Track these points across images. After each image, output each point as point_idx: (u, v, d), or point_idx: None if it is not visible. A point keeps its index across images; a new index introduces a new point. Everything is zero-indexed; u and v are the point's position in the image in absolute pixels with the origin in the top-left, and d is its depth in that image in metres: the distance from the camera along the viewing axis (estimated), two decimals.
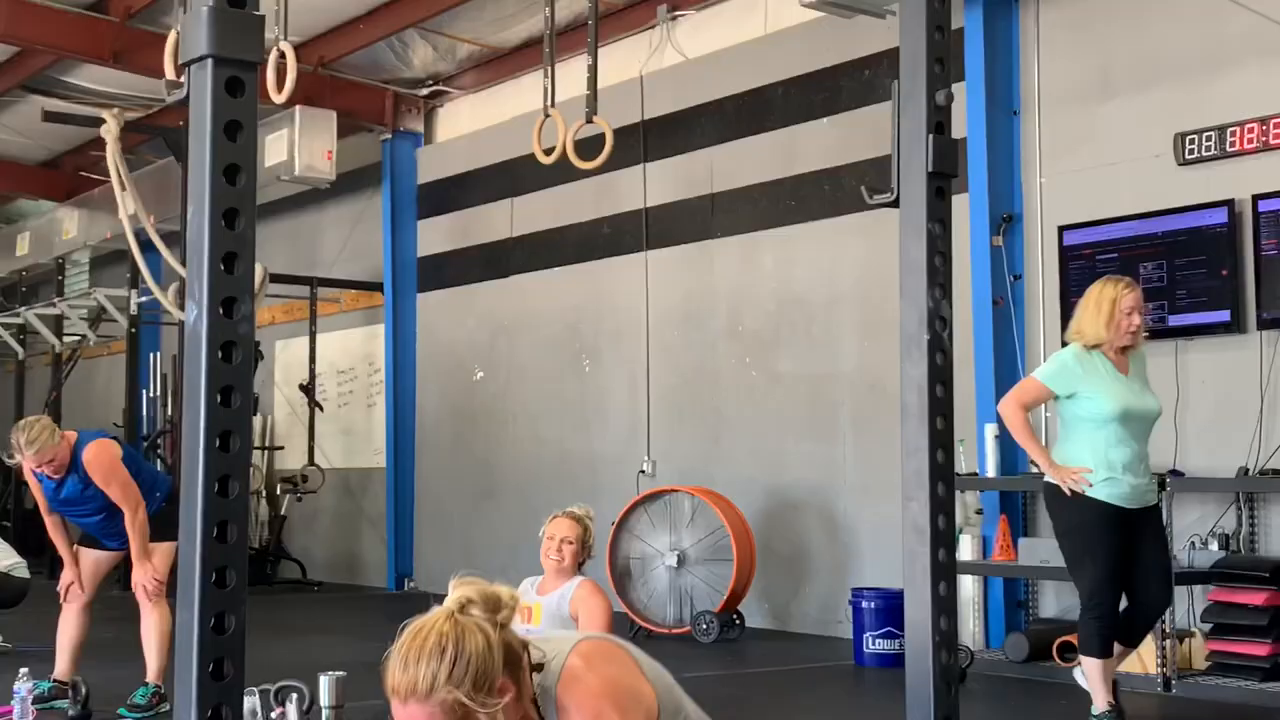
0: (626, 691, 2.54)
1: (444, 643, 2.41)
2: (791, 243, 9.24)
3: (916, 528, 2.60)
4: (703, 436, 9.75)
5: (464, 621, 2.44)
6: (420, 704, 2.39)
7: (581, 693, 2.50)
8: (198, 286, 1.85)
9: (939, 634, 2.60)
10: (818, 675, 7.47)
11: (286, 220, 13.44)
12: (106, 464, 6.00)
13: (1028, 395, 5.67)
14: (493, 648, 2.43)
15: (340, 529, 13.15)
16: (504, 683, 2.43)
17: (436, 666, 2.38)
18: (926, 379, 2.65)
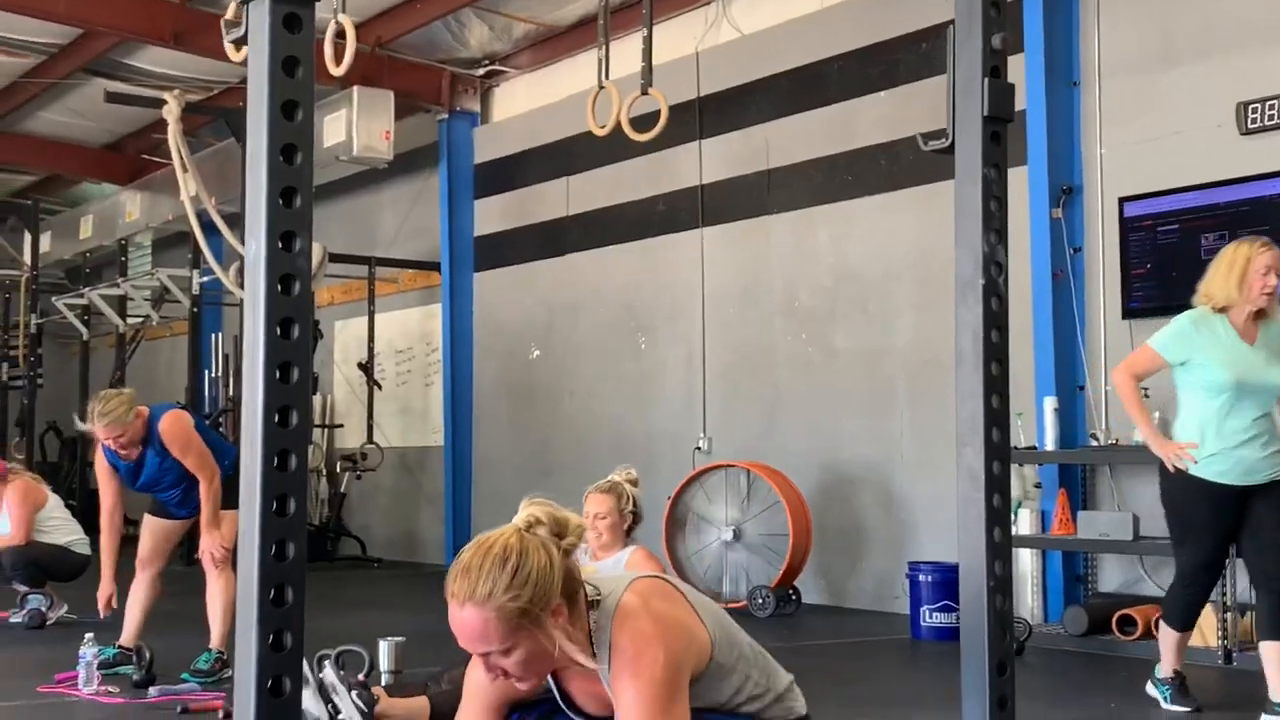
0: (679, 629, 2.56)
1: (508, 554, 2.46)
2: (848, 218, 9.21)
3: (971, 473, 2.59)
4: (758, 413, 9.74)
5: (529, 539, 2.49)
6: (477, 608, 2.43)
7: (635, 628, 2.51)
8: (255, 219, 1.86)
9: (994, 579, 2.59)
10: (874, 648, 7.46)
11: (345, 201, 13.53)
12: (183, 434, 6.09)
13: (1140, 363, 5.42)
14: (554, 568, 2.48)
15: (399, 507, 13.25)
16: (559, 605, 2.47)
17: (498, 575, 2.43)
18: (981, 324, 2.62)
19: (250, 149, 1.87)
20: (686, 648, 2.54)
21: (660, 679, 2.45)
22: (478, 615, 2.44)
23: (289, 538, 1.80)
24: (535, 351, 11.79)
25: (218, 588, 6.07)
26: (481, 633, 2.45)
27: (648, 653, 2.47)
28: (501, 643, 2.45)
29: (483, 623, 2.44)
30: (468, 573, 2.47)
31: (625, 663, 2.48)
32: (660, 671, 2.46)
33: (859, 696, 5.78)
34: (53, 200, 17.08)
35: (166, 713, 5.29)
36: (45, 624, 7.84)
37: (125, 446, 6.02)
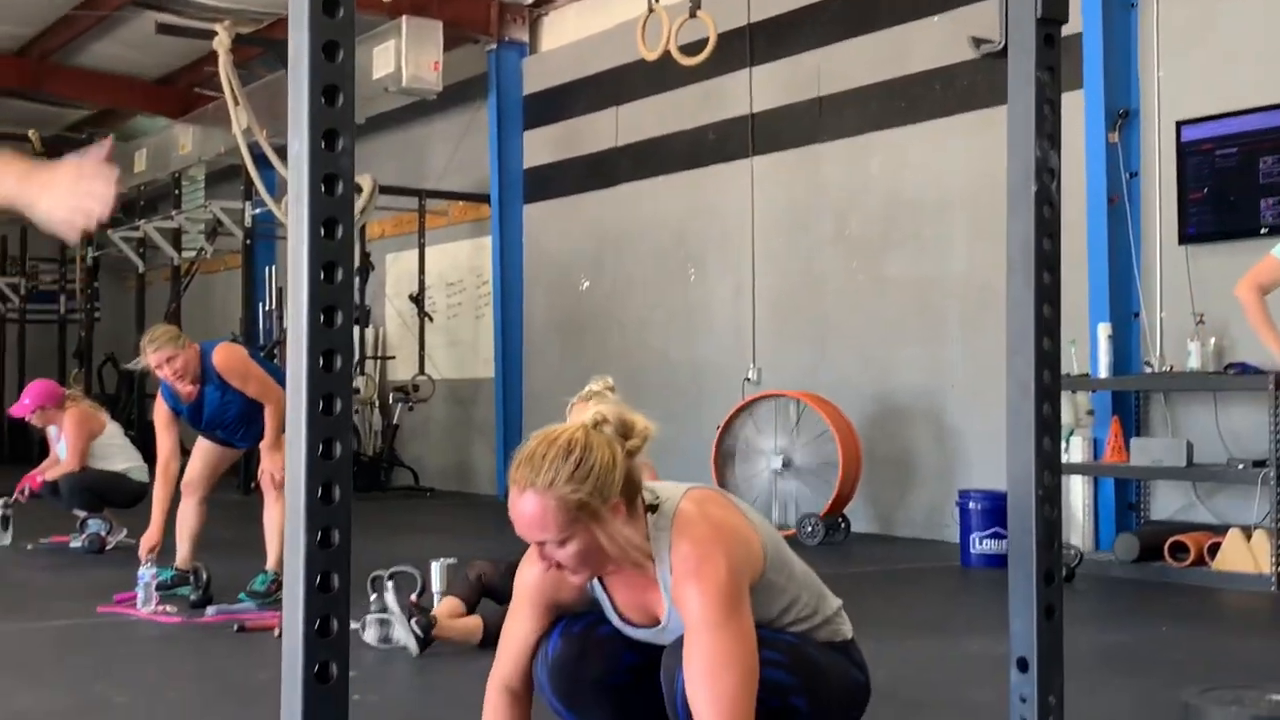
0: (735, 536, 2.57)
1: (573, 447, 2.51)
2: (901, 145, 9.11)
3: (1020, 382, 2.57)
4: (809, 343, 9.71)
5: (595, 435, 2.52)
6: (537, 496, 2.47)
7: (696, 534, 2.53)
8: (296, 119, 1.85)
9: (1042, 488, 2.57)
10: (923, 575, 7.46)
11: (394, 134, 13.54)
12: (240, 363, 6.15)
13: (1264, 274, 5.19)
14: (616, 466, 2.51)
15: (451, 438, 13.35)
16: (618, 504, 2.49)
17: (561, 464, 2.48)
18: (1033, 232, 2.59)
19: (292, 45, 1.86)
20: (745, 556, 2.56)
21: (724, 584, 2.47)
22: (537, 503, 2.48)
23: (335, 480, 1.80)
24: (585, 283, 11.79)
25: (275, 511, 6.15)
26: (540, 521, 2.49)
27: (711, 558, 2.49)
28: (558, 533, 2.49)
29: (542, 511, 2.48)
30: (531, 461, 2.51)
31: (689, 569, 2.50)
32: (724, 576, 2.48)
33: (908, 621, 5.79)
34: (107, 133, 17.19)
35: (223, 631, 5.37)
36: (104, 548, 7.98)
37: (180, 378, 6.06)
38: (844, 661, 2.72)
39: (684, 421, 10.47)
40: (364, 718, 3.94)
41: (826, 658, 2.68)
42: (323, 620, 1.76)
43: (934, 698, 4.32)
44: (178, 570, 6.32)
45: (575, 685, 2.71)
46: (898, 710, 3.93)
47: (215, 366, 6.09)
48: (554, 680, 2.72)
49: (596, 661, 2.70)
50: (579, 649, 2.72)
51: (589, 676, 2.70)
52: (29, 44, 14.35)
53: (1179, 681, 4.34)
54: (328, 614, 1.77)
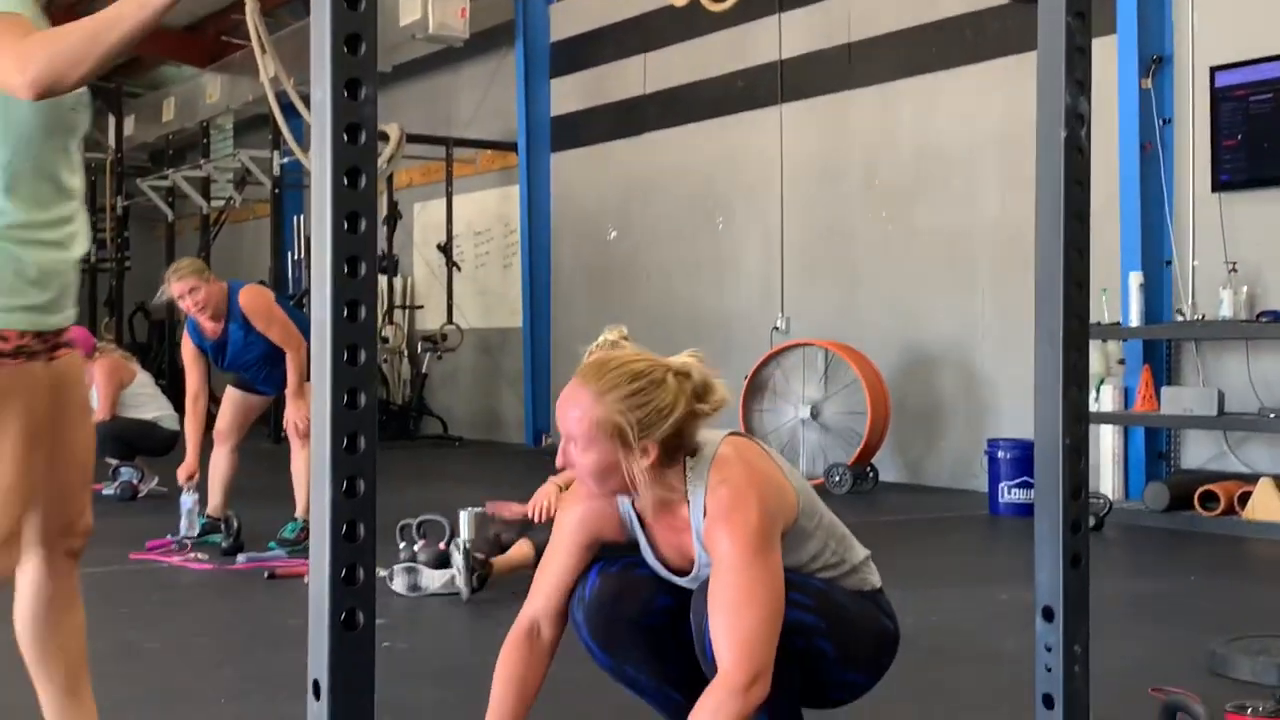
0: (770, 482, 2.58)
1: (641, 377, 2.54)
2: (931, 92, 9.03)
3: (1048, 331, 2.55)
4: (837, 292, 9.67)
5: (673, 380, 2.54)
6: (586, 398, 2.53)
7: (732, 476, 2.54)
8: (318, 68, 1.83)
9: (1069, 437, 2.56)
10: (952, 524, 7.46)
11: (422, 81, 13.50)
12: (265, 305, 6.19)
13: None
14: (671, 416, 2.53)
15: (479, 387, 13.38)
16: (652, 445, 2.50)
17: (623, 385, 2.52)
18: (1062, 177, 2.57)
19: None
20: (779, 501, 2.56)
21: (756, 527, 2.48)
22: (580, 406, 2.52)
23: (360, 430, 1.80)
24: (613, 232, 11.76)
25: (301, 459, 6.19)
26: (576, 420, 2.53)
27: (744, 501, 2.50)
28: (584, 438, 2.52)
29: (581, 414, 2.52)
30: (600, 367, 2.56)
31: (721, 510, 2.51)
32: (756, 519, 2.48)
33: (936, 570, 5.80)
34: (135, 83, 17.21)
35: (254, 579, 5.42)
36: (136, 496, 8.05)
37: (202, 310, 6.09)
38: (872, 608, 2.72)
39: (713, 370, 10.47)
40: (393, 665, 3.98)
41: (855, 604, 2.69)
42: (349, 569, 1.78)
43: (960, 646, 4.32)
44: (209, 518, 6.38)
45: (611, 625, 2.72)
46: (924, 658, 3.94)
47: (240, 306, 6.13)
48: (590, 619, 2.73)
49: (632, 602, 2.71)
50: (616, 588, 2.73)
51: (624, 616, 2.71)
52: None
53: (1207, 630, 4.34)
54: (354, 563, 1.78)
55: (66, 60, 2.28)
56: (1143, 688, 3.61)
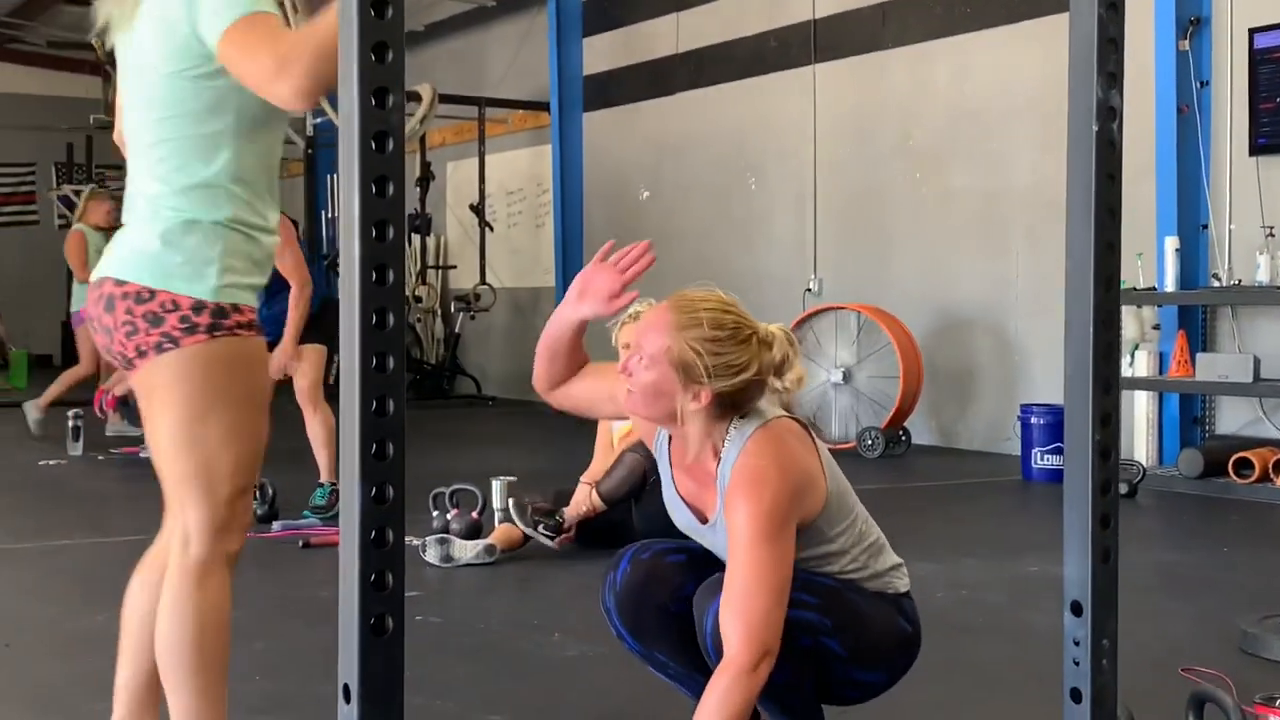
0: (803, 470, 2.58)
1: (726, 326, 2.56)
2: (966, 52, 8.94)
3: (1079, 323, 2.53)
4: (870, 254, 9.64)
5: (757, 345, 2.56)
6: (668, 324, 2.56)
7: (764, 451, 2.55)
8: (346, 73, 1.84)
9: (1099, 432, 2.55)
10: (984, 490, 7.45)
11: (454, 40, 13.46)
12: (284, 232, 6.18)
13: None
14: (741, 375, 2.55)
15: (512, 347, 13.41)
16: (709, 394, 2.54)
17: (707, 327, 2.54)
18: (1093, 172, 2.54)
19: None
20: (803, 490, 2.56)
21: (773, 507, 2.49)
22: (657, 327, 2.56)
23: (389, 393, 1.82)
24: (645, 193, 11.73)
25: (316, 421, 6.26)
26: (647, 337, 2.57)
27: (768, 479, 2.51)
28: (649, 358, 2.56)
29: (655, 334, 2.56)
30: (693, 303, 2.57)
31: (744, 481, 2.53)
32: (775, 499, 2.50)
33: (966, 539, 5.80)
34: None
35: (289, 547, 5.48)
36: None
37: None
38: (890, 610, 2.71)
39: None
40: (427, 638, 4.02)
41: (869, 604, 2.68)
42: (378, 531, 1.80)
43: (988, 622, 4.33)
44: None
45: (640, 610, 2.74)
46: (950, 635, 3.95)
47: None
48: (621, 606, 2.75)
49: (663, 589, 2.73)
50: (646, 575, 2.75)
51: (654, 602, 2.73)
52: None
53: (1238, 606, 4.33)
54: (383, 525, 1.80)
55: (328, 65, 2.22)
56: (1173, 666, 3.62)
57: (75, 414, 8.53)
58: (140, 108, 2.59)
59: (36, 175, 19.36)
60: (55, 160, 18.98)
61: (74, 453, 8.42)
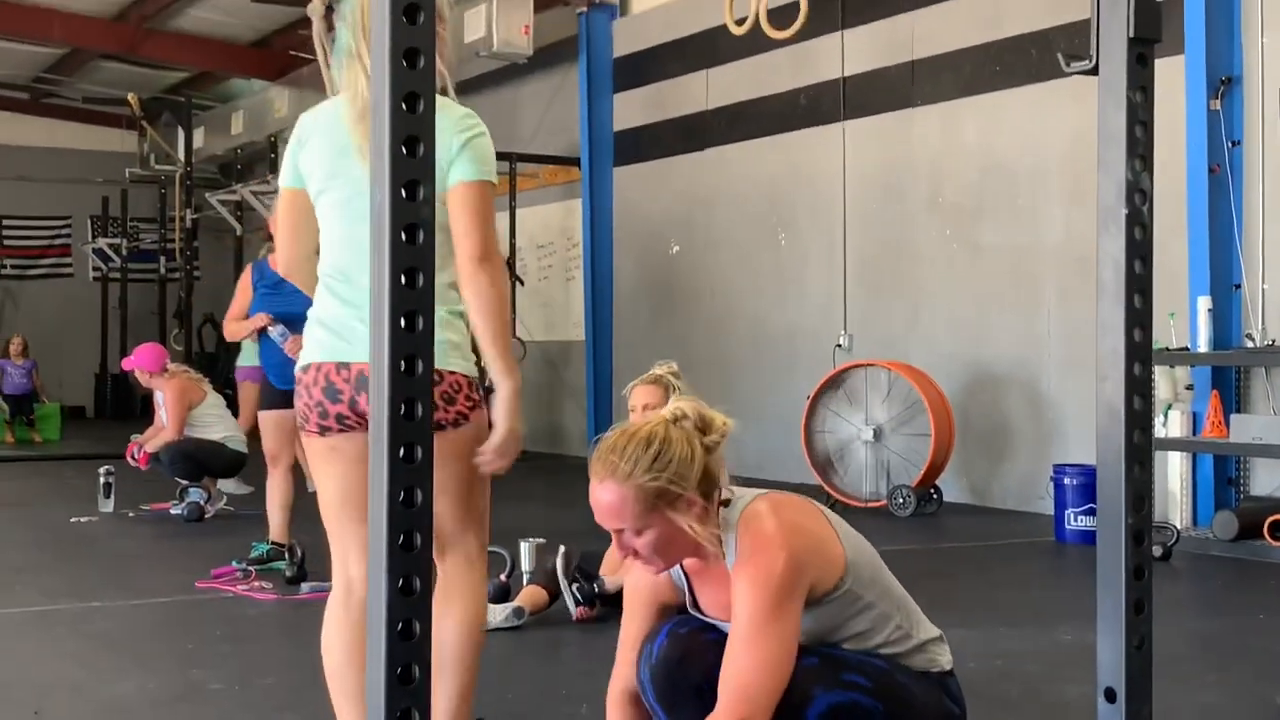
0: (806, 537, 2.56)
1: (652, 439, 2.57)
2: (996, 110, 8.95)
3: (1110, 408, 2.52)
4: (901, 310, 9.62)
5: (674, 429, 2.56)
6: (616, 486, 2.54)
7: (759, 528, 2.54)
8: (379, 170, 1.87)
9: (1132, 517, 2.53)
10: (1018, 550, 7.39)
11: (485, 96, 13.54)
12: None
13: None
14: (694, 460, 2.55)
15: (542, 400, 13.42)
16: (694, 497, 2.52)
17: (640, 456, 2.54)
18: (1124, 255, 2.54)
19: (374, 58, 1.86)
20: (810, 555, 2.54)
21: (774, 582, 2.48)
22: (616, 493, 2.54)
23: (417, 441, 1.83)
24: (675, 247, 11.76)
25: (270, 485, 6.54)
26: (618, 510, 2.55)
27: (766, 553, 2.50)
28: (635, 521, 2.54)
29: (620, 500, 2.54)
30: (611, 452, 2.57)
31: (745, 559, 2.53)
32: (776, 574, 2.48)
33: (1000, 605, 5.74)
34: (204, 97, 17.42)
35: (317, 609, 5.44)
36: (203, 517, 8.14)
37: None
38: (937, 692, 2.68)
39: (775, 387, 10.45)
40: None
41: (918, 686, 2.65)
42: (405, 579, 1.80)
43: (1024, 694, 4.28)
44: (274, 543, 6.43)
45: (675, 687, 2.72)
46: (986, 708, 3.90)
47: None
48: (655, 680, 2.74)
49: (697, 665, 2.71)
50: (682, 650, 2.74)
51: (689, 679, 2.71)
52: (127, 9, 14.57)
53: (1274, 675, 4.27)
54: (409, 573, 1.80)
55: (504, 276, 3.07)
56: None
57: (107, 470, 8.57)
58: None
59: (72, 228, 19.57)
60: (90, 214, 19.21)
61: (105, 509, 8.45)
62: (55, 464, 11.95)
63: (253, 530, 7.70)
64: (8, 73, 17.42)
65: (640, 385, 5.07)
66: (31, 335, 18.69)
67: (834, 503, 8.54)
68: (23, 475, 11.03)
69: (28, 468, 11.65)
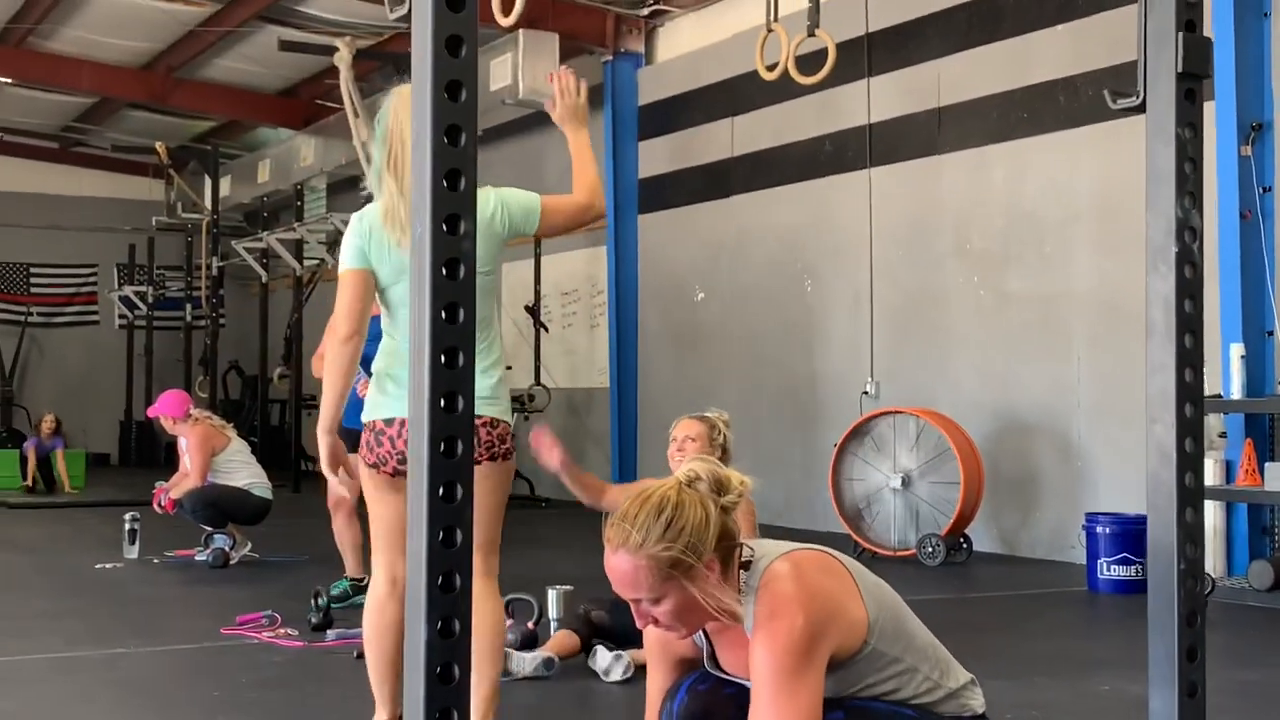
0: (826, 600, 2.50)
1: (664, 505, 2.50)
2: (1023, 157, 8.93)
3: (1161, 451, 2.46)
4: (928, 357, 9.56)
5: (688, 493, 2.51)
6: (630, 555, 2.48)
7: (777, 590, 2.48)
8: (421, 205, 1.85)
9: (1185, 562, 2.47)
10: (1050, 600, 7.29)
11: (511, 144, 13.60)
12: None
13: None
14: (710, 524, 2.49)
15: (566, 447, 13.33)
16: (711, 560, 2.47)
17: (652, 524, 2.47)
18: (1174, 294, 2.49)
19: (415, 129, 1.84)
20: (830, 620, 2.48)
21: (792, 647, 2.42)
22: (630, 562, 2.48)
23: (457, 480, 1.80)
24: (700, 294, 11.74)
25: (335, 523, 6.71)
26: (632, 579, 2.49)
27: (785, 617, 2.44)
28: (651, 591, 2.49)
29: (634, 570, 2.48)
30: (624, 520, 2.51)
31: (763, 623, 2.48)
32: (795, 637, 2.42)
33: (1033, 656, 5.65)
34: (231, 145, 17.55)
35: (343, 658, 5.41)
36: (229, 563, 8.11)
37: None
38: None
39: (801, 435, 10.40)
40: None
41: None
42: (444, 621, 1.76)
43: None
44: (351, 580, 6.61)
45: None
46: None
47: None
48: None
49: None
50: (702, 706, 2.69)
51: None
52: (156, 59, 14.69)
53: None
54: (449, 615, 1.76)
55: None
56: None
57: (132, 516, 8.56)
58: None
59: (98, 276, 19.67)
60: (117, 261, 19.32)
61: (130, 555, 8.43)
62: (80, 511, 11.94)
63: (279, 576, 7.68)
64: (37, 122, 17.57)
65: (686, 419, 5.06)
66: (57, 382, 18.82)
67: (862, 551, 8.46)
68: (48, 522, 11.03)
69: (53, 514, 11.65)
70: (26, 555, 8.94)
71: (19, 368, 18.80)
